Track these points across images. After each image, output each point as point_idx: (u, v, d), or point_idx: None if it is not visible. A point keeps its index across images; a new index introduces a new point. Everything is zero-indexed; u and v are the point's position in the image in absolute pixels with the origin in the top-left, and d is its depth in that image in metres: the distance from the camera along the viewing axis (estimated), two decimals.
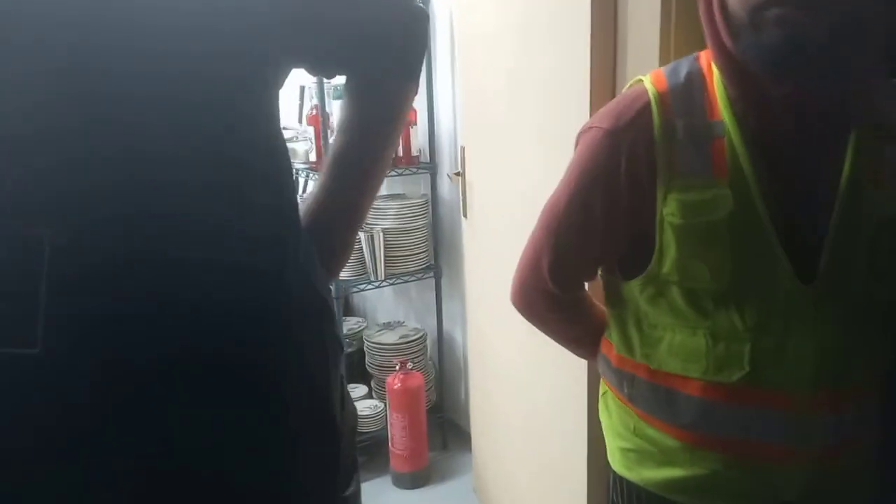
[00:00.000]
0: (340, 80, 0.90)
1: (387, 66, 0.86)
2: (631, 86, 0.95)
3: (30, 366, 0.58)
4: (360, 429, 2.68)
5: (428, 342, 2.83)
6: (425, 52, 0.91)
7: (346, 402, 0.86)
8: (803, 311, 0.85)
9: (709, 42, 0.86)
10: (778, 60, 0.80)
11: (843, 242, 0.84)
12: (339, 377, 0.83)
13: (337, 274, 0.93)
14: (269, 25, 0.73)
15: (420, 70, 0.91)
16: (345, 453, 0.83)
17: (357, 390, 2.78)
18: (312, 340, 0.78)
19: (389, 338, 2.77)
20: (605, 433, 1.06)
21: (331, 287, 0.90)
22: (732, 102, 0.86)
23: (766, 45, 0.80)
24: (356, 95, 0.88)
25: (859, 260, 0.85)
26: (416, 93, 0.92)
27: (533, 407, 1.87)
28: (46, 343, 0.58)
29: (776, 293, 0.85)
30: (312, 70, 0.87)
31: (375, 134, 0.89)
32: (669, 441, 0.93)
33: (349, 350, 2.89)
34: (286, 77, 0.82)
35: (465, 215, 2.23)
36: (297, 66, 0.83)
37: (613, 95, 1.29)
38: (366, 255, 2.55)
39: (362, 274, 2.59)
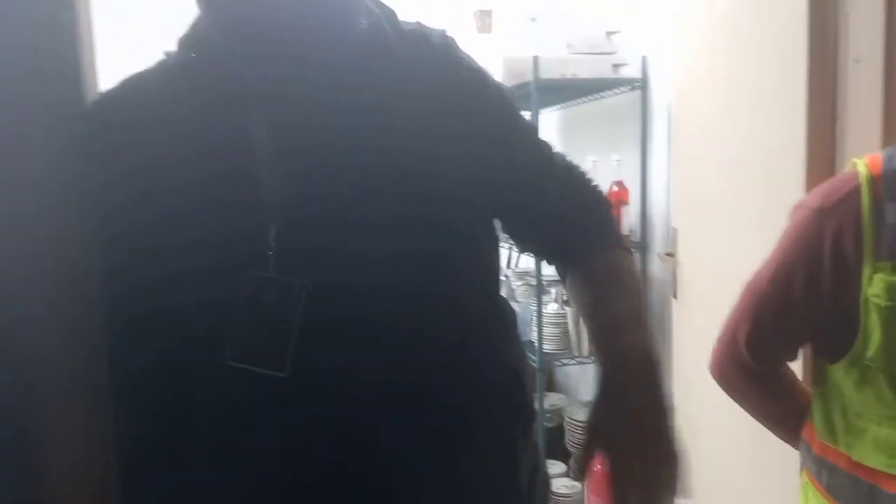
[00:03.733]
0: None
1: (601, 244, 0.86)
2: (847, 168, 0.93)
3: (278, 385, 0.70)
4: None
5: None
6: (617, 226, 0.91)
7: (540, 471, 0.87)
8: None
9: None
10: None
11: None
12: (531, 444, 0.85)
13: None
14: (494, 185, 0.79)
15: (619, 239, 0.89)
16: None
17: (555, 467, 2.75)
18: (502, 404, 0.80)
19: None
20: None
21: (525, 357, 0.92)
22: None
23: None
24: (579, 268, 0.86)
25: None
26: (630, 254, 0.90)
27: (746, 496, 1.73)
28: (293, 367, 0.69)
29: None
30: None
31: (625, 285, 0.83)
32: None
33: (549, 426, 2.89)
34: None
35: (675, 297, 2.17)
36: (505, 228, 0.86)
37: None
38: (570, 330, 2.57)
39: (566, 349, 2.60)
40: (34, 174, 0.65)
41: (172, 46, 0.78)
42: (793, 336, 0.98)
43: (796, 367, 1.08)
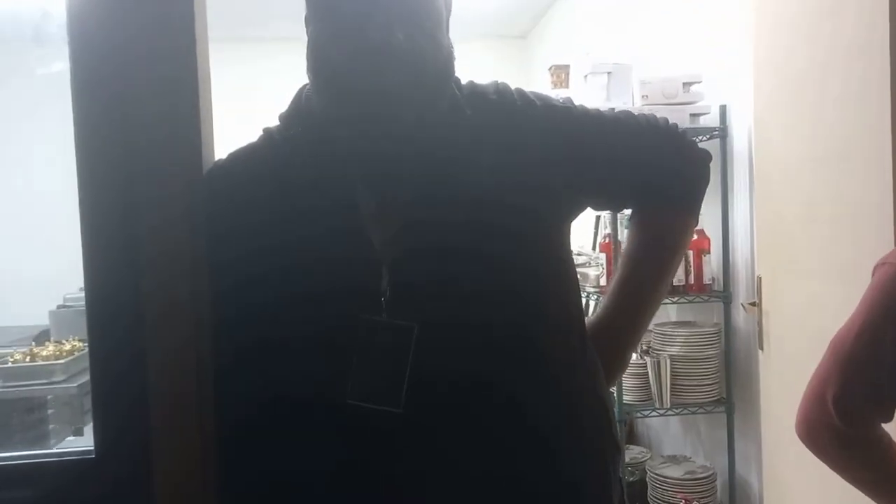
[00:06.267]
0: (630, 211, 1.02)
1: (666, 203, 0.96)
2: None
3: (394, 420, 0.77)
4: None
5: (718, 483, 2.63)
6: (705, 190, 0.99)
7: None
8: None
9: None
10: None
11: None
12: (617, 479, 0.90)
13: (611, 385, 1.01)
14: (564, 170, 0.88)
15: (698, 206, 0.99)
16: None
17: None
18: (593, 438, 0.87)
19: (674, 472, 2.64)
20: None
21: (611, 394, 1.00)
22: None
23: None
24: (639, 227, 0.99)
25: None
26: (694, 226, 1.01)
27: None
28: (406, 404, 0.77)
29: None
30: (600, 207, 1.00)
31: (654, 263, 0.98)
32: None
33: (631, 479, 2.81)
34: (580, 212, 0.95)
35: (761, 348, 2.11)
36: (589, 203, 0.97)
37: None
38: (651, 381, 2.52)
39: (647, 400, 2.55)
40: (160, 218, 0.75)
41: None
42: (883, 395, 0.93)
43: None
